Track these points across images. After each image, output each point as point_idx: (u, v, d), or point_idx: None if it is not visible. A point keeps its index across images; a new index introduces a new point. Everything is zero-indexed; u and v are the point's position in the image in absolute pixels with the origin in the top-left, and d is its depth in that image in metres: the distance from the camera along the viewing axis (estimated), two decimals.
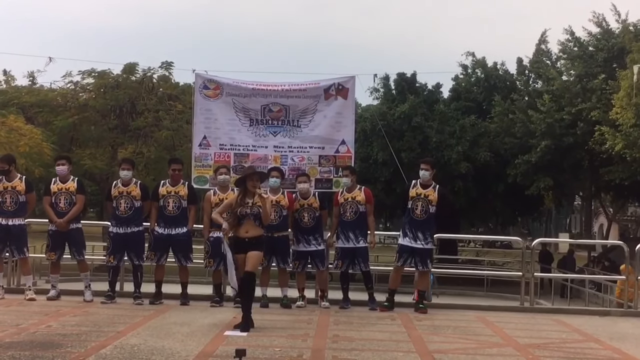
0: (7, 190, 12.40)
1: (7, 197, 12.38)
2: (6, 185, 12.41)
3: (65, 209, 12.41)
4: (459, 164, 32.72)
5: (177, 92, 36.46)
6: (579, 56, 32.13)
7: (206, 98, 15.22)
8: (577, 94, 30.18)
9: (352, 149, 15.22)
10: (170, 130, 33.56)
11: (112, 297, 12.43)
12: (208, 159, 15.07)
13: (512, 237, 27.76)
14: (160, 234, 12.49)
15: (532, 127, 31.09)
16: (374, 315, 12.01)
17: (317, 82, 15.40)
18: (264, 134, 15.15)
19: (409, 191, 12.63)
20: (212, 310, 11.94)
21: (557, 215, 65.82)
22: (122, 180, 12.62)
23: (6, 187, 12.40)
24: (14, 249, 12.55)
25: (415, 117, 33.46)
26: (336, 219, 12.81)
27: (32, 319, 10.40)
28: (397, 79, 36.23)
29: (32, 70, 37.38)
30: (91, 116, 34.39)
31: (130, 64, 35.37)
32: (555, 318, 12.47)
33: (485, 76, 36.51)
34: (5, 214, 12.36)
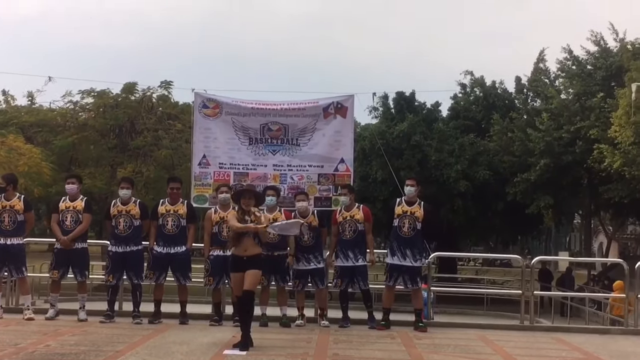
0: (6, 209, 12.39)
1: (6, 216, 12.37)
2: (4, 204, 12.41)
3: (72, 227, 12.41)
4: (458, 182, 32.70)
5: (177, 112, 36.49)
6: (577, 75, 32.18)
7: (205, 117, 15.25)
8: (575, 113, 30.20)
9: (351, 167, 15.22)
10: (170, 149, 33.58)
11: (111, 316, 12.40)
12: (208, 177, 15.08)
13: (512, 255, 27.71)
14: (159, 253, 12.48)
15: (531, 145, 31.10)
16: (374, 334, 11.98)
17: (316, 101, 15.43)
18: (263, 152, 15.16)
19: (395, 209, 12.63)
20: (211, 329, 11.91)
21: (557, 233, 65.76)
22: (121, 199, 12.62)
23: (4, 206, 12.40)
24: (12, 269, 12.52)
25: (414, 135, 33.46)
26: (335, 238, 12.80)
27: (31, 338, 10.36)
28: (396, 98, 36.27)
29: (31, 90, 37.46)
30: (90, 136, 34.39)
31: (130, 83, 35.43)
32: (555, 336, 12.43)
33: (484, 95, 36.55)
34: (4, 233, 12.35)
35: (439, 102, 37.25)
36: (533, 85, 35.24)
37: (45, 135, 34.32)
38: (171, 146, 33.70)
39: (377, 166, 32.79)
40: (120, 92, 35.28)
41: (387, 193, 31.75)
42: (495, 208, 33.99)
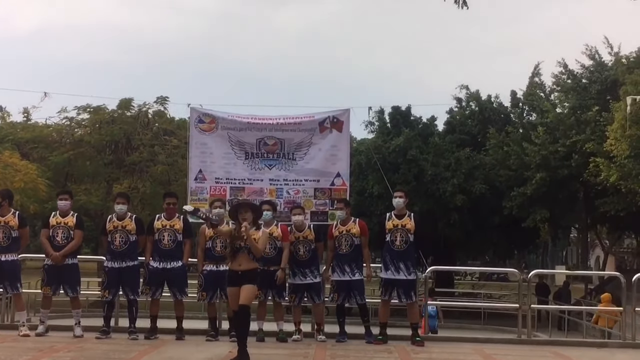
0: (0, 225, 12.34)
1: (0, 232, 12.32)
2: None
3: (62, 242, 12.34)
4: (454, 196, 32.73)
5: (173, 127, 36.54)
6: (572, 88, 32.34)
7: (201, 132, 15.24)
8: (571, 126, 30.30)
9: (347, 181, 15.21)
10: (166, 165, 33.62)
11: (107, 332, 12.33)
12: (204, 192, 15.06)
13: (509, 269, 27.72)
14: (155, 268, 12.42)
15: (527, 159, 31.17)
16: (371, 348, 11.93)
17: (312, 116, 15.44)
18: (259, 167, 15.15)
19: (386, 224, 12.58)
20: (207, 344, 11.85)
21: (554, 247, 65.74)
22: (117, 214, 12.58)
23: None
24: (7, 285, 12.45)
25: (410, 150, 33.53)
26: (331, 252, 12.75)
27: (27, 355, 10.30)
28: (391, 112, 36.37)
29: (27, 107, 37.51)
30: (86, 151, 34.42)
31: (126, 99, 35.50)
32: (553, 350, 12.38)
33: (480, 109, 36.63)
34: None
35: (434, 116, 37.37)
36: (528, 99, 35.37)
37: (41, 152, 34.35)
38: (167, 162, 33.73)
39: (374, 181, 32.84)
40: (116, 108, 35.34)
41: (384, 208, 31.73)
42: (491, 222, 34.02)
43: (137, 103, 35.62)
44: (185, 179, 18.57)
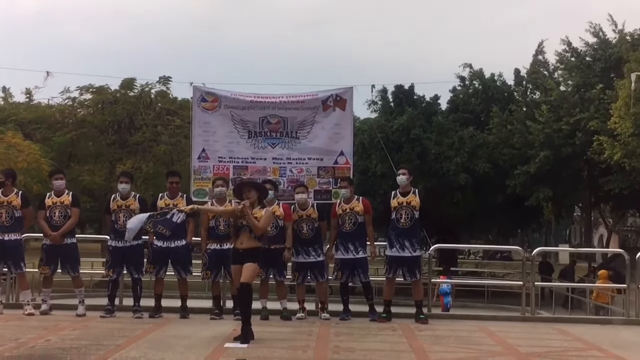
0: (3, 205, 12.35)
1: (3, 212, 12.33)
2: (2, 200, 12.37)
3: (60, 222, 12.36)
4: (457, 175, 32.69)
5: (175, 107, 36.50)
6: (576, 66, 32.16)
7: (204, 111, 15.18)
8: (575, 104, 30.17)
9: (350, 160, 15.17)
10: (169, 145, 33.60)
11: (112, 311, 12.37)
12: (207, 171, 15.01)
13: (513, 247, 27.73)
14: (159, 247, 12.43)
15: (530, 137, 31.08)
16: (375, 326, 11.95)
17: (315, 94, 15.36)
18: (262, 146, 15.09)
19: (390, 202, 12.59)
20: (211, 322, 11.88)
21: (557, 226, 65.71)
22: (121, 193, 12.60)
23: (2, 202, 12.36)
24: (11, 265, 12.49)
25: (413, 129, 33.45)
26: (335, 231, 12.75)
27: (31, 333, 10.35)
28: (394, 91, 36.23)
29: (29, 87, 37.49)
30: (89, 132, 34.43)
31: (128, 79, 35.46)
32: (557, 327, 12.41)
33: (483, 87, 36.48)
34: (1, 229, 12.31)
35: (438, 95, 37.24)
36: (532, 78, 35.20)
37: (44, 132, 34.36)
38: (170, 142, 33.72)
39: (377, 160, 32.79)
40: (118, 88, 35.27)
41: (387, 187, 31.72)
42: (495, 201, 33.98)
43: (140, 83, 35.58)
44: (188, 159, 18.55)
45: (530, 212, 35.65)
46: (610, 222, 44.68)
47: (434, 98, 36.93)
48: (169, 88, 36.34)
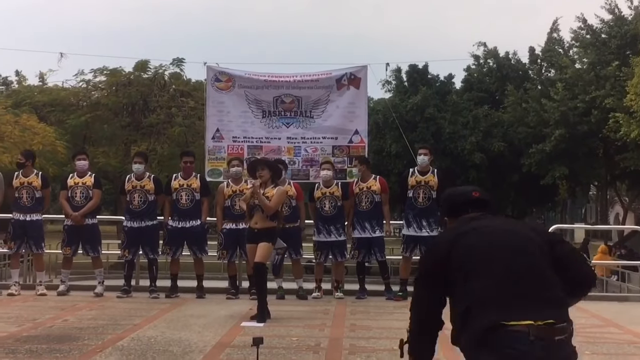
0: (24, 185, 12.42)
1: (24, 192, 12.40)
2: (22, 181, 12.44)
3: (81, 202, 12.40)
4: (472, 154, 32.66)
5: (189, 89, 36.40)
6: (591, 44, 32.02)
7: (218, 90, 15.14)
8: (590, 82, 30.05)
9: (365, 138, 15.10)
10: (183, 126, 33.55)
11: (128, 291, 12.41)
12: (221, 151, 14.99)
13: None
14: (174, 228, 12.44)
15: (545, 116, 30.98)
16: (391, 304, 11.94)
17: (329, 73, 15.29)
18: (276, 125, 15.05)
19: (408, 180, 12.53)
20: (228, 302, 11.90)
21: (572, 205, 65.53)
22: (135, 174, 12.60)
23: (22, 183, 12.43)
24: (32, 244, 12.55)
25: (427, 108, 33.42)
26: (351, 209, 12.72)
27: (49, 313, 10.39)
28: (409, 71, 36.20)
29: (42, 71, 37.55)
30: (103, 114, 34.40)
31: (142, 61, 35.39)
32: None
33: (498, 66, 36.40)
34: (22, 210, 12.39)
35: (452, 74, 37.28)
36: (547, 56, 35.07)
37: (59, 115, 34.37)
38: (184, 123, 33.66)
39: (391, 139, 32.78)
40: (132, 70, 35.25)
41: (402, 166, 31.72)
42: (510, 180, 33.93)
43: (154, 65, 35.55)
44: (202, 140, 18.52)
45: (545, 191, 35.58)
46: (626, 201, 44.47)
47: (448, 77, 36.87)
48: (183, 70, 36.30)
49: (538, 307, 3.72)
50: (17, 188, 12.44)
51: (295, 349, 8.13)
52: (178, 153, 28.19)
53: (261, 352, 6.66)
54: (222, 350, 8.00)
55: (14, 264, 12.87)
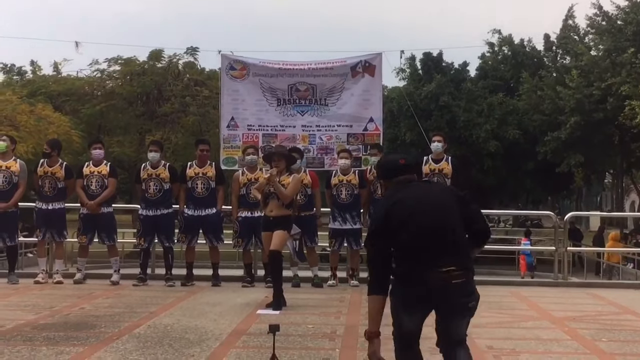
0: (47, 175, 12.49)
1: (47, 182, 12.47)
2: (46, 170, 12.50)
3: (97, 191, 12.43)
4: (487, 142, 32.54)
5: (203, 78, 36.45)
6: (607, 30, 31.77)
7: (233, 79, 15.14)
8: (606, 69, 29.84)
9: (380, 126, 15.08)
10: (197, 115, 33.58)
11: (144, 279, 12.43)
12: (236, 140, 15.01)
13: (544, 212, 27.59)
14: (190, 216, 12.45)
15: (561, 103, 30.80)
16: None
17: (343, 60, 15.27)
18: (291, 113, 15.05)
19: (423, 168, 12.46)
20: (243, 290, 11.91)
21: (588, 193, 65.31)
22: (151, 162, 12.60)
23: (46, 172, 12.49)
24: (55, 233, 12.61)
25: (442, 96, 33.29)
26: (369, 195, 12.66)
27: (66, 301, 10.43)
28: (423, 59, 36.07)
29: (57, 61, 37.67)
30: (118, 103, 34.48)
31: (156, 50, 35.44)
32: (590, 292, 12.33)
33: (512, 53, 36.21)
34: (45, 199, 12.46)
35: (466, 62, 37.06)
36: (562, 43, 34.87)
37: (74, 104, 34.48)
38: (198, 112, 33.70)
39: (406, 128, 32.72)
40: (146, 60, 35.29)
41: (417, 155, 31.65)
42: (525, 168, 33.80)
43: (168, 54, 35.58)
44: (216, 129, 18.54)
45: (561, 179, 35.43)
46: None
47: (463, 65, 36.71)
48: (197, 59, 36.32)
49: (442, 256, 4.96)
50: (41, 177, 12.50)
51: (311, 336, 8.14)
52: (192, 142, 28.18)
53: (277, 340, 6.65)
54: (238, 337, 8.02)
55: (41, 253, 12.97)
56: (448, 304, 5.07)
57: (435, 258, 4.96)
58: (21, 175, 12.52)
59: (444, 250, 5.00)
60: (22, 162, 12.85)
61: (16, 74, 40.33)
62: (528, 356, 7.36)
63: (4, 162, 12.45)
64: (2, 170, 12.39)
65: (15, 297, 10.93)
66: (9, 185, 12.39)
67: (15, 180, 12.43)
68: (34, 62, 40.36)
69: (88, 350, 7.29)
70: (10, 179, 12.41)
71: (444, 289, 4.98)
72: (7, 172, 12.41)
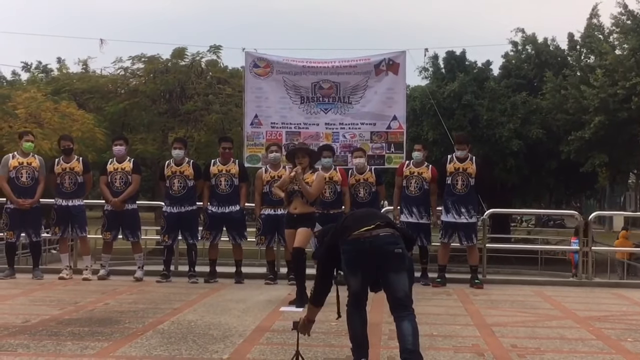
0: (66, 171, 12.61)
1: (66, 178, 12.58)
2: (65, 167, 12.62)
3: (121, 188, 12.51)
4: (510, 141, 32.32)
5: (226, 76, 36.56)
6: (632, 29, 31.45)
7: (256, 76, 15.16)
8: (631, 68, 29.55)
9: (403, 124, 15.06)
10: (220, 113, 33.66)
11: (168, 276, 12.50)
12: (260, 137, 15.03)
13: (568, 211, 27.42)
14: (214, 213, 12.49)
15: (585, 102, 30.54)
16: (429, 290, 11.91)
17: (367, 58, 15.25)
18: (315, 111, 15.05)
19: (446, 166, 12.47)
20: (266, 287, 11.93)
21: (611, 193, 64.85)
22: (175, 159, 12.66)
23: (65, 169, 12.61)
24: (76, 228, 12.72)
25: (465, 95, 33.09)
26: (398, 190, 12.65)
27: (90, 297, 10.50)
28: (446, 57, 35.89)
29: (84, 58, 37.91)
30: (141, 101, 34.64)
31: (179, 48, 35.58)
32: (614, 292, 12.25)
33: (536, 52, 35.92)
34: (65, 195, 12.57)
35: (490, 60, 36.82)
36: (586, 42, 34.54)
37: (97, 102, 34.70)
38: (221, 110, 33.77)
39: (428, 127, 32.57)
40: (170, 58, 35.42)
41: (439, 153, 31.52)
42: (548, 167, 33.59)
43: (191, 52, 35.69)
44: (239, 127, 18.57)
45: (584, 178, 35.17)
46: None
47: (486, 64, 36.52)
48: (220, 57, 36.42)
49: (371, 221, 6.36)
50: (60, 174, 12.60)
51: (334, 333, 8.15)
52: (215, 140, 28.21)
53: (301, 337, 6.68)
54: (262, 334, 8.04)
55: (63, 249, 13.07)
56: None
57: (365, 223, 6.40)
58: (41, 171, 12.67)
59: (373, 218, 6.48)
60: (40, 157, 13.01)
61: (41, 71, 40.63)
62: (553, 355, 7.32)
63: (25, 159, 12.57)
64: (24, 166, 12.52)
65: (40, 293, 11.02)
66: (32, 181, 12.53)
67: (36, 175, 12.56)
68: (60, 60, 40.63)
69: (112, 345, 7.33)
70: (33, 175, 12.54)
71: (371, 240, 6.29)
72: (29, 168, 12.54)
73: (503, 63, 37.08)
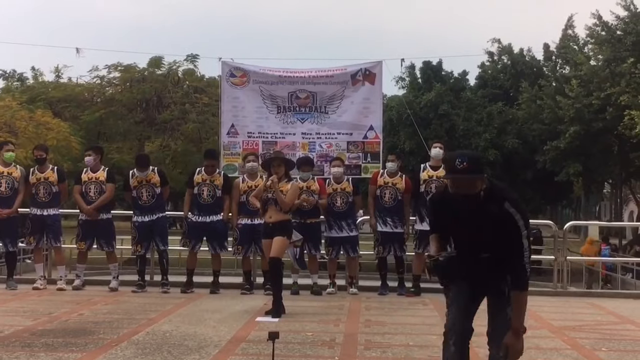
0: (41, 181, 12.50)
1: (41, 187, 12.48)
2: (39, 177, 12.51)
3: (95, 197, 12.42)
4: (486, 151, 32.54)
5: (203, 85, 36.53)
6: (607, 40, 31.80)
7: (233, 86, 15.15)
8: (605, 79, 29.86)
9: (380, 134, 15.09)
10: (197, 123, 33.61)
11: (143, 286, 12.42)
12: (236, 147, 15.01)
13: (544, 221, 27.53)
14: (194, 222, 12.43)
15: (560, 113, 30.83)
16: (406, 300, 11.91)
17: (344, 68, 15.28)
18: (291, 121, 15.05)
19: (420, 175, 12.47)
20: (242, 297, 11.88)
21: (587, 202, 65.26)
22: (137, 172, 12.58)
23: (39, 179, 12.51)
24: (51, 238, 12.61)
25: (441, 105, 33.34)
26: (373, 199, 12.61)
27: (64, 307, 10.41)
28: (422, 67, 36.15)
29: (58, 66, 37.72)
30: (118, 110, 34.54)
31: (156, 57, 35.51)
32: (589, 301, 12.31)
33: (512, 63, 36.29)
34: (40, 205, 12.46)
35: (466, 71, 37.18)
36: (562, 52, 34.92)
37: (73, 110, 34.55)
38: (198, 120, 33.73)
39: (405, 136, 32.73)
40: (146, 66, 35.34)
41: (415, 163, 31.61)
42: (524, 176, 33.82)
43: (167, 61, 35.63)
44: (216, 137, 18.54)
45: (560, 188, 35.44)
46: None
47: (462, 74, 36.82)
48: (197, 66, 36.40)
49: None
50: (34, 184, 12.50)
51: (310, 344, 8.12)
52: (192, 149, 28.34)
53: (276, 347, 6.63)
54: (237, 345, 8.00)
55: (38, 259, 12.95)
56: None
57: None
58: (21, 181, 12.55)
59: None
60: (22, 168, 12.91)
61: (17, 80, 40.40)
62: None
63: (5, 169, 12.48)
64: (4, 176, 12.43)
65: (13, 303, 10.91)
66: (11, 191, 12.43)
67: (16, 185, 12.47)
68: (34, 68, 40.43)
69: (86, 356, 7.27)
70: (12, 184, 12.44)
71: None
72: (9, 178, 12.44)
73: (479, 73, 37.42)
